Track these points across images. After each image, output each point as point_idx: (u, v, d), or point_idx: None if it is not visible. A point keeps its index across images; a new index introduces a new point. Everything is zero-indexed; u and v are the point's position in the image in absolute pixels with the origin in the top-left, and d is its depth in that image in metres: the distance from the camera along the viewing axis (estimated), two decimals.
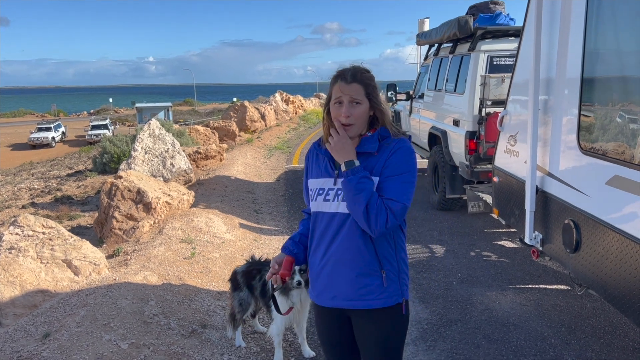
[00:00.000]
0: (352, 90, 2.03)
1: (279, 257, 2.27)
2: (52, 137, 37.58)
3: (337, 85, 2.06)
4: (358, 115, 2.05)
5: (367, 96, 2.06)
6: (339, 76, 2.07)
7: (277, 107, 23.66)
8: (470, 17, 6.80)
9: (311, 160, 2.24)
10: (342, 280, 2.08)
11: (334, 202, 2.09)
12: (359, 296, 2.07)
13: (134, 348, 3.54)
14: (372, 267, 2.05)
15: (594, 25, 3.17)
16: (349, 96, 2.03)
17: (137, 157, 9.44)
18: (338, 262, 2.09)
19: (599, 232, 3.00)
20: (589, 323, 4.25)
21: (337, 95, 2.06)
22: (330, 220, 2.11)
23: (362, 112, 2.05)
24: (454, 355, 3.81)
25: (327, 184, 2.12)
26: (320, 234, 2.14)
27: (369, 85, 2.07)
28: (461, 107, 6.79)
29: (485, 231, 6.74)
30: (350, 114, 2.03)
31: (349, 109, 2.04)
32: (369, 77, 2.08)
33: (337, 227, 2.09)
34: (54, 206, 10.08)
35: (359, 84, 2.04)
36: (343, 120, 2.05)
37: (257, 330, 4.18)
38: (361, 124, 2.08)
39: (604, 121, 3.10)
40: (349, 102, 2.04)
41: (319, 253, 2.15)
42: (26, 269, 4.70)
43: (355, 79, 2.04)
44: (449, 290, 4.95)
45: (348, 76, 2.05)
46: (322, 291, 2.16)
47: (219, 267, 5.47)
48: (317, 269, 2.17)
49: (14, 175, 19.09)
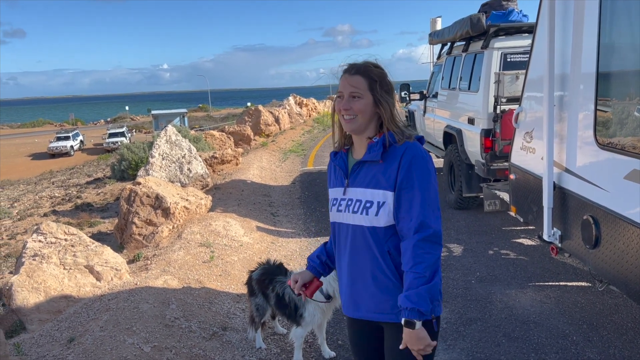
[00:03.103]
0: (353, 82, 1.95)
1: (306, 276, 2.24)
2: (70, 146, 38.18)
3: (342, 78, 2.00)
4: (358, 109, 1.94)
5: (371, 90, 1.95)
6: (345, 70, 2.01)
7: (290, 110, 23.75)
8: (482, 15, 6.77)
9: (330, 169, 2.17)
10: (364, 294, 2.01)
11: (345, 212, 2.02)
12: (381, 310, 1.98)
13: (156, 351, 3.59)
14: (394, 282, 1.95)
15: (608, 19, 3.14)
16: (349, 90, 1.95)
17: (155, 163, 9.55)
18: (358, 275, 2.02)
19: (619, 227, 2.97)
20: (611, 320, 4.20)
21: (339, 89, 2.00)
22: (347, 232, 2.04)
23: (363, 106, 1.94)
24: (474, 354, 3.80)
25: (339, 194, 2.06)
26: (340, 244, 2.09)
27: (374, 79, 1.95)
28: (476, 105, 6.76)
29: (503, 229, 6.70)
30: (349, 107, 1.94)
31: (348, 102, 1.95)
32: (377, 72, 1.98)
33: (354, 239, 2.01)
34: (74, 213, 10.24)
35: (362, 77, 1.95)
36: (345, 115, 1.96)
37: (277, 332, 4.22)
38: (364, 120, 1.96)
39: (621, 116, 3.07)
40: (348, 96, 1.95)
41: (342, 264, 2.10)
42: (50, 275, 4.79)
43: (358, 71, 1.96)
44: (468, 289, 4.93)
45: (353, 68, 1.98)
46: (346, 302, 2.11)
47: (237, 270, 5.52)
48: (341, 280, 2.13)
49: (35, 184, 19.45)
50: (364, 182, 1.97)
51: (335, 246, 2.15)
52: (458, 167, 7.23)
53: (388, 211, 1.92)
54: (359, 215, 1.97)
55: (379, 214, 1.93)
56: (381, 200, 1.92)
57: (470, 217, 7.27)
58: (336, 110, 2.01)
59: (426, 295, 1.79)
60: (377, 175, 1.94)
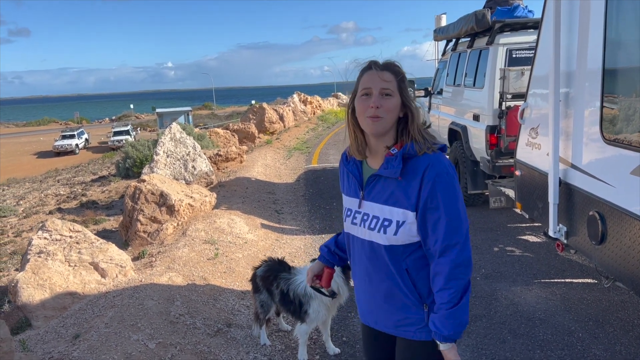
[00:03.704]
0: (384, 78, 1.77)
1: (316, 267, 2.23)
2: (75, 144, 38.28)
3: (366, 74, 1.81)
4: (389, 108, 1.77)
5: (399, 90, 1.79)
6: (369, 66, 1.82)
7: (295, 108, 23.74)
8: (487, 11, 6.74)
9: (341, 172, 2.04)
10: (381, 311, 1.94)
11: (360, 227, 1.90)
12: (398, 326, 1.91)
13: (161, 347, 3.60)
14: (412, 300, 1.85)
15: (614, 15, 3.12)
16: (380, 85, 1.77)
17: (159, 160, 9.57)
18: (376, 292, 1.93)
19: (625, 222, 2.95)
20: (617, 316, 4.18)
21: (365, 86, 1.79)
22: (362, 246, 1.93)
23: (394, 105, 1.78)
24: (479, 351, 3.79)
25: (354, 205, 1.93)
26: (354, 256, 2.00)
27: (402, 78, 1.80)
28: (481, 102, 6.73)
29: (508, 226, 6.67)
30: (380, 104, 1.76)
31: (378, 100, 1.76)
32: (402, 71, 1.83)
33: (369, 255, 1.90)
34: (79, 211, 10.28)
35: (392, 74, 1.79)
36: (371, 113, 1.76)
37: (281, 329, 4.22)
38: (391, 122, 1.80)
39: (627, 111, 3.05)
40: (379, 92, 1.77)
41: (357, 276, 2.01)
42: (55, 272, 4.81)
43: (387, 67, 1.80)
44: (473, 286, 4.92)
45: (379, 64, 1.81)
46: (364, 313, 2.05)
47: (242, 267, 5.52)
48: (357, 290, 2.05)
49: (41, 182, 19.53)
50: (382, 198, 1.83)
51: (349, 255, 2.06)
52: (463, 164, 7.21)
53: (409, 230, 1.79)
54: (375, 233, 1.85)
55: (398, 233, 1.80)
56: (401, 220, 1.79)
57: (475, 214, 7.25)
58: (360, 110, 1.81)
59: (454, 325, 1.74)
60: (396, 191, 1.79)
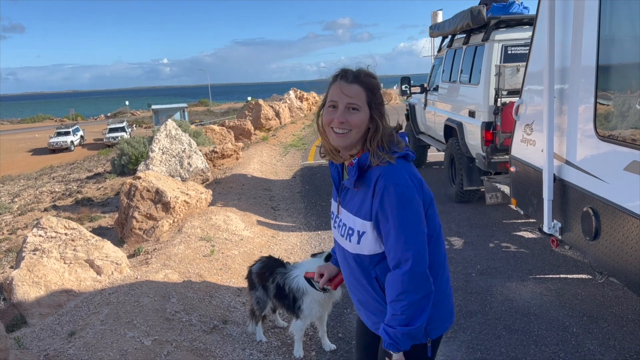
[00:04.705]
0: (351, 91, 1.73)
1: (332, 269, 2.18)
2: (71, 141, 38.15)
3: (335, 85, 1.77)
4: (355, 123, 1.74)
5: (368, 103, 1.75)
6: (339, 75, 1.78)
7: (291, 104, 23.71)
8: (483, 7, 6.75)
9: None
10: (362, 314, 2.01)
11: (337, 232, 1.94)
12: (376, 328, 1.93)
13: (157, 344, 3.60)
14: (384, 306, 1.83)
15: (608, 11, 3.13)
16: (346, 100, 1.73)
17: (155, 157, 9.55)
18: (354, 296, 2.00)
19: (619, 218, 2.97)
20: (611, 311, 4.21)
21: (332, 98, 1.76)
22: (340, 250, 1.97)
23: (360, 120, 1.74)
24: (474, 346, 3.81)
25: (335, 209, 1.96)
26: (339, 257, 2.02)
27: (372, 91, 1.76)
28: (476, 98, 6.75)
29: (503, 222, 6.69)
30: (345, 119, 1.73)
31: (343, 114, 1.73)
32: (375, 83, 1.78)
33: (343, 260, 1.96)
34: (75, 208, 10.26)
35: (361, 87, 1.75)
36: (336, 128, 1.75)
37: (277, 325, 4.22)
38: (358, 135, 1.77)
39: (621, 108, 3.06)
40: (345, 107, 1.73)
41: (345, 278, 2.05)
42: (50, 269, 4.80)
43: (357, 79, 1.75)
44: (469, 282, 4.94)
45: (350, 75, 1.76)
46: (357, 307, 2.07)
47: (238, 264, 5.52)
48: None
49: (35, 179, 19.47)
50: (350, 206, 1.85)
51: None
52: (459, 160, 7.22)
53: (370, 240, 1.78)
54: (345, 240, 1.89)
55: (361, 242, 1.81)
56: (361, 230, 1.79)
57: (471, 210, 7.27)
58: (326, 121, 1.78)
59: (402, 337, 1.70)
60: (359, 201, 1.80)
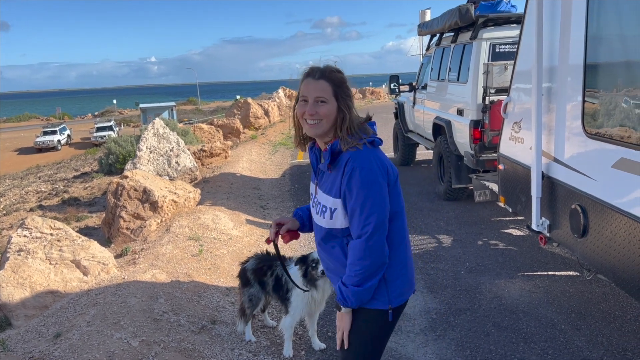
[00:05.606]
0: (318, 87, 2.00)
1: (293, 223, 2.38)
2: (57, 140, 37.72)
3: (305, 82, 2.04)
4: (324, 114, 2.00)
5: (335, 96, 2.01)
6: (308, 73, 2.05)
7: (280, 103, 23.66)
8: (471, 5, 6.76)
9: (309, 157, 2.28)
10: (334, 282, 2.19)
11: (313, 208, 2.21)
12: None
13: (144, 345, 3.56)
14: None
15: (595, 10, 3.14)
16: (314, 94, 2.00)
17: (143, 156, 9.47)
18: (328, 268, 2.24)
19: (606, 215, 2.98)
20: (599, 308, 4.23)
21: (303, 93, 2.03)
22: (316, 226, 2.21)
23: (329, 111, 2.01)
24: (463, 344, 3.81)
25: (313, 190, 2.21)
26: (315, 233, 2.25)
27: (338, 85, 2.02)
28: (465, 96, 6.76)
29: (492, 220, 6.72)
30: (315, 111, 2.00)
31: (313, 107, 2.00)
32: (340, 77, 2.04)
33: (320, 235, 2.17)
34: (61, 208, 10.13)
35: (327, 82, 2.01)
36: (308, 119, 2.02)
37: (266, 325, 4.20)
38: (328, 125, 2.03)
39: (609, 106, 3.08)
40: (314, 101, 2.00)
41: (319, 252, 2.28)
42: (35, 270, 4.73)
43: (323, 76, 2.01)
44: (457, 280, 4.95)
45: (317, 72, 2.02)
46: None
47: (227, 264, 5.49)
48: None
49: (21, 179, 19.23)
50: (324, 187, 2.10)
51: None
52: (447, 158, 7.24)
53: (341, 215, 2.04)
54: (320, 218, 2.13)
55: (333, 218, 2.06)
56: (333, 207, 2.05)
57: (459, 208, 7.29)
58: (299, 114, 2.07)
59: (352, 296, 2.00)
60: (331, 182, 2.05)
